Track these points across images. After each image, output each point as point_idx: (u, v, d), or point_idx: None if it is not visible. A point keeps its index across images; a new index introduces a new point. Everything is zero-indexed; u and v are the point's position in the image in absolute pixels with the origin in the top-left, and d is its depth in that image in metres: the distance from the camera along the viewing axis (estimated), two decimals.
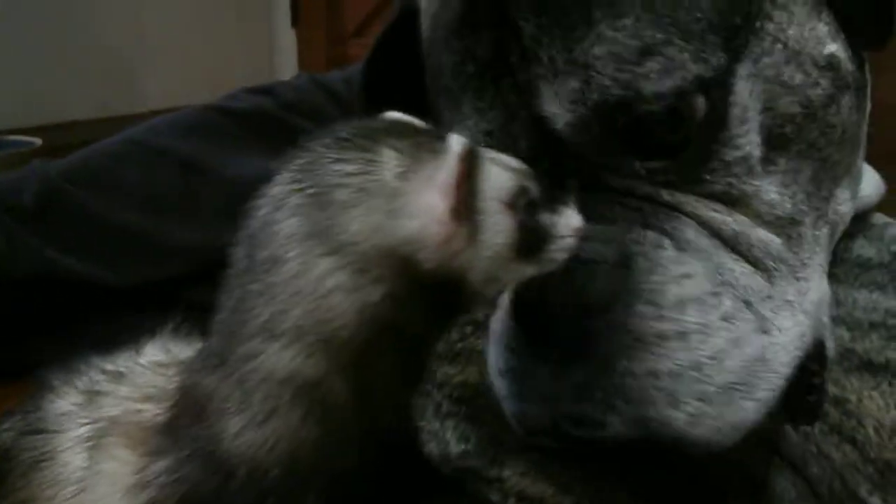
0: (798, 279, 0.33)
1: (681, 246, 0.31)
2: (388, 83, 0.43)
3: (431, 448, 0.35)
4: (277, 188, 0.25)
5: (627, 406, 0.30)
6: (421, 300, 0.24)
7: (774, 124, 0.33)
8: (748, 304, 0.31)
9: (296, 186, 0.25)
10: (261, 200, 0.26)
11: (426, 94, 0.39)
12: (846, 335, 0.37)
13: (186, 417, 0.28)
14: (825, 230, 0.36)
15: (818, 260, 0.35)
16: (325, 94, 0.95)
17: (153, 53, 2.30)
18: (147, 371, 0.32)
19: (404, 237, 0.23)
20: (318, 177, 0.24)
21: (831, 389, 0.36)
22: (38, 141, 1.56)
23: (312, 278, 0.23)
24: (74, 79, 2.07)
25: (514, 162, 0.27)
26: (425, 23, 0.39)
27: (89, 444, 0.30)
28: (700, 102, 0.31)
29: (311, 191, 0.24)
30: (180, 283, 0.78)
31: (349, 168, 0.24)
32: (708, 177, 0.32)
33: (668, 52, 0.30)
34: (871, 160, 0.49)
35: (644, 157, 0.32)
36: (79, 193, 0.78)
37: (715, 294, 0.30)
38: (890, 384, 0.37)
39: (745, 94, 0.32)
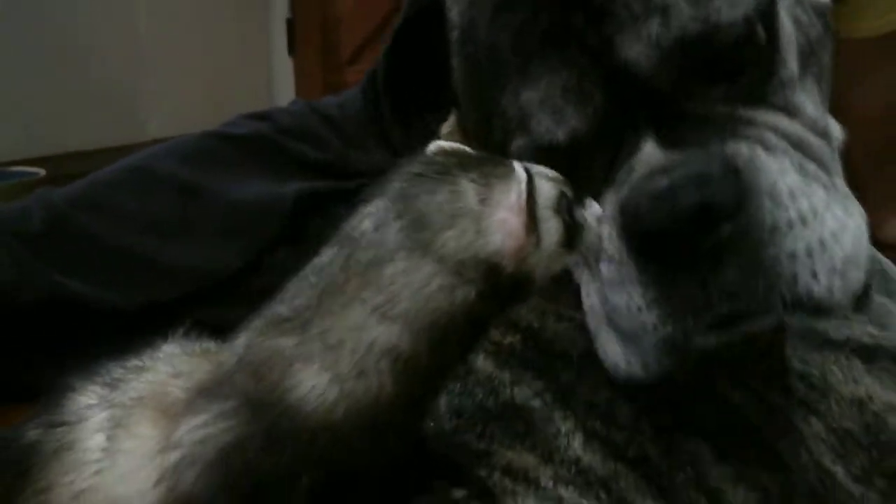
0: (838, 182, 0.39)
1: (769, 149, 0.36)
2: (406, 74, 0.46)
3: (427, 425, 0.37)
4: (376, 212, 0.31)
5: (778, 289, 0.34)
6: (500, 295, 0.31)
7: (801, 51, 0.39)
8: (829, 192, 0.36)
9: (394, 214, 0.30)
10: (357, 219, 0.31)
11: (441, 81, 0.44)
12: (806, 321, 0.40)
13: (241, 374, 0.31)
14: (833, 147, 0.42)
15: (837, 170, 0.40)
16: (319, 118, 0.98)
17: (153, 84, 2.34)
18: (173, 356, 0.34)
19: (490, 251, 0.29)
20: (415, 206, 0.30)
21: (797, 365, 0.39)
22: (41, 171, 1.59)
23: (419, 279, 0.29)
24: (76, 110, 2.11)
25: (552, 173, 0.32)
26: (461, 8, 0.42)
27: (110, 425, 0.32)
28: (760, 28, 0.36)
29: (410, 216, 0.30)
30: (183, 302, 0.81)
31: (439, 199, 0.30)
32: (770, 93, 0.37)
33: None
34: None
35: (720, 82, 0.36)
36: (83, 219, 0.81)
37: (808, 184, 0.35)
38: (847, 358, 0.39)
39: (787, 22, 0.38)
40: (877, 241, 1.33)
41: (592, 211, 0.33)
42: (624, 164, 0.37)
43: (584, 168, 0.38)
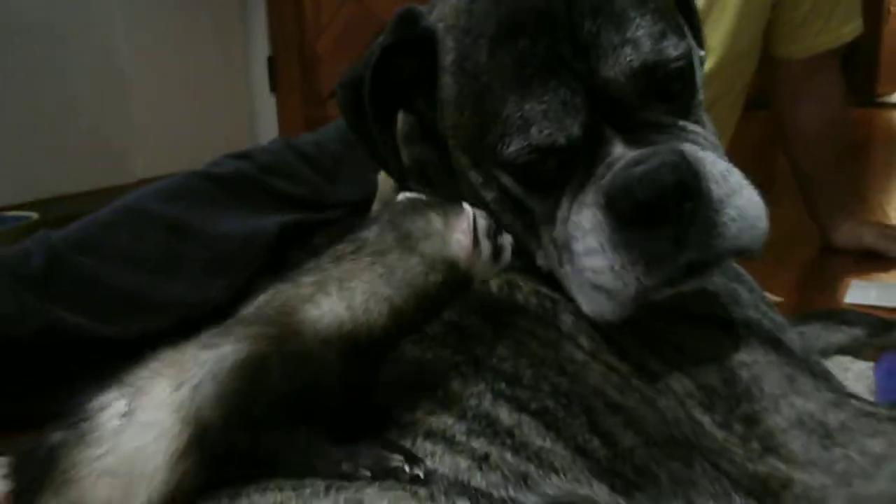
0: None
1: (702, 147, 0.49)
2: (387, 92, 0.56)
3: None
4: (375, 229, 0.45)
5: (728, 241, 0.46)
6: (454, 284, 0.44)
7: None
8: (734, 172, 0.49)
9: (389, 230, 0.45)
10: (360, 232, 0.46)
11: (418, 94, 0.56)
12: (674, 302, 0.50)
13: (258, 314, 0.42)
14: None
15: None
16: (296, 155, 1.06)
17: (138, 126, 2.39)
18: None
19: (451, 254, 0.44)
20: (403, 227, 0.45)
21: (665, 334, 0.49)
22: (34, 215, 1.64)
23: (409, 264, 0.43)
24: (67, 156, 2.16)
25: (483, 214, 0.46)
26: (456, 36, 0.53)
27: (128, 399, 0.39)
28: (687, 65, 0.50)
29: (400, 232, 0.44)
30: (174, 334, 0.87)
31: (419, 223, 0.45)
32: (693, 111, 0.52)
33: (670, 35, 0.48)
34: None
35: (665, 101, 0.49)
36: (79, 258, 0.87)
37: (728, 169, 0.48)
38: (705, 328, 0.49)
39: (696, 62, 0.53)
40: (828, 245, 1.41)
41: (506, 238, 0.47)
42: (600, 161, 0.48)
43: (570, 164, 0.49)
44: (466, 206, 0.45)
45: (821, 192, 1.38)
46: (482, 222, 0.45)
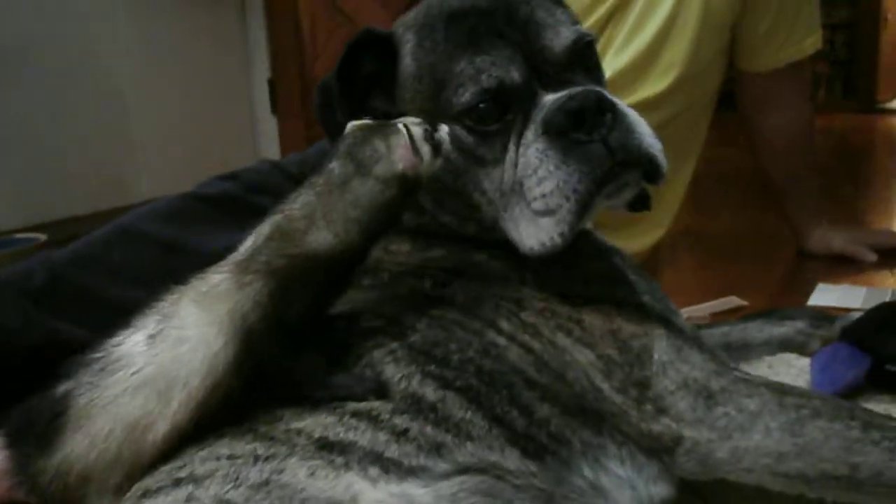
0: None
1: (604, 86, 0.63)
2: (352, 91, 0.66)
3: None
4: (337, 161, 0.53)
5: (643, 148, 0.58)
6: (407, 191, 0.53)
7: None
8: None
9: (347, 161, 0.53)
10: (327, 166, 0.53)
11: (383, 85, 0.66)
12: (577, 287, 0.59)
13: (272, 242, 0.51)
14: None
15: None
16: (282, 175, 1.12)
17: (142, 152, 2.46)
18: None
19: (399, 169, 0.52)
20: (356, 156, 0.53)
21: (570, 313, 0.56)
22: (42, 236, 1.71)
23: (368, 186, 0.52)
24: (73, 180, 2.24)
25: (416, 119, 0.55)
26: (414, 29, 0.65)
27: (155, 325, 0.48)
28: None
29: (355, 162, 0.52)
30: None
31: (367, 151, 0.52)
32: (604, 84, 0.66)
33: (579, 22, 0.64)
34: None
35: (584, 70, 0.64)
36: (78, 275, 0.93)
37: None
38: (600, 307, 0.57)
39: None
40: (801, 251, 1.47)
41: (443, 131, 0.56)
42: (535, 108, 0.60)
43: (511, 104, 0.60)
44: (400, 124, 0.53)
45: (791, 200, 1.43)
46: (416, 130, 0.53)
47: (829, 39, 6.04)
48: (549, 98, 0.60)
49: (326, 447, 0.45)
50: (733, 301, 1.19)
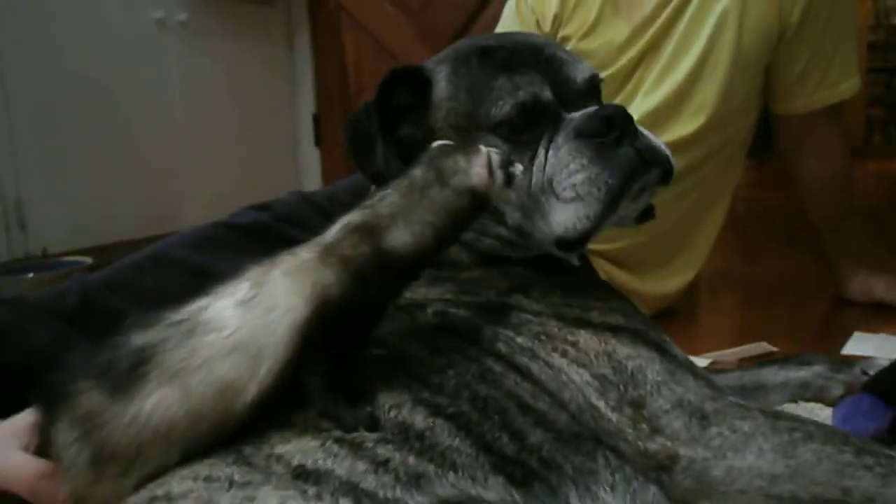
0: None
1: None
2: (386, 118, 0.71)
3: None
4: (419, 168, 0.57)
5: (663, 153, 0.65)
6: (477, 206, 0.56)
7: None
8: None
9: (429, 169, 0.57)
10: (411, 171, 0.57)
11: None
12: (574, 312, 0.61)
13: (355, 233, 0.54)
14: None
15: None
16: (311, 207, 1.15)
17: (189, 181, 2.54)
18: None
19: (474, 183, 0.56)
20: (436, 166, 0.57)
21: (566, 336, 0.58)
22: (88, 260, 1.77)
23: (444, 195, 0.55)
24: (121, 206, 2.33)
25: (497, 151, 0.58)
26: (447, 62, 0.72)
27: (246, 292, 0.50)
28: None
29: (435, 171, 0.57)
30: None
31: (449, 163, 0.57)
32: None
33: None
34: None
35: (597, 102, 0.71)
36: (109, 297, 0.97)
37: None
38: (596, 330, 0.58)
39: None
40: (841, 297, 1.43)
41: (517, 167, 0.59)
42: (562, 122, 0.66)
43: (542, 119, 0.66)
44: (482, 147, 0.58)
45: (830, 244, 1.40)
46: (496, 157, 0.57)
47: (887, 83, 5.92)
48: (576, 115, 0.67)
49: (302, 476, 0.45)
50: (763, 347, 1.16)
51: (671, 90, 1.21)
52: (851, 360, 0.89)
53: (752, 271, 1.90)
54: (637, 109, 1.24)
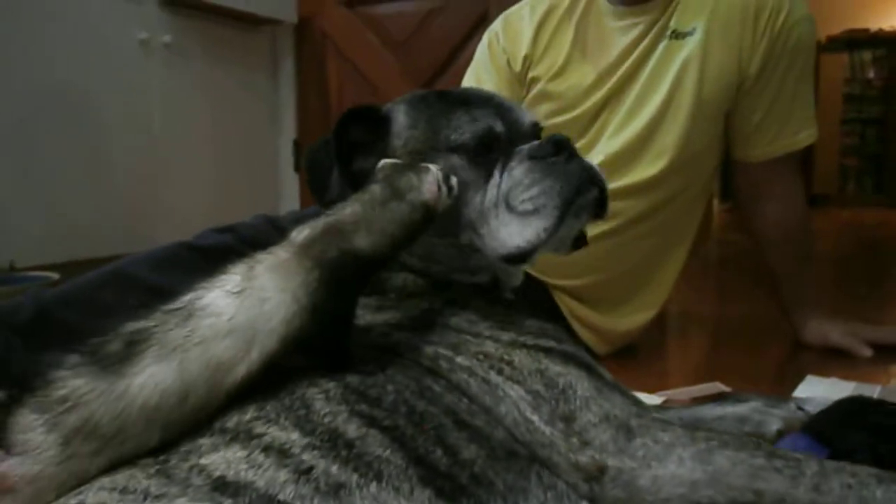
0: None
1: None
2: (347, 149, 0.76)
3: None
4: (376, 185, 0.63)
5: (602, 176, 0.72)
6: (428, 218, 0.62)
7: None
8: None
9: (385, 186, 0.63)
10: (368, 186, 0.63)
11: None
12: (510, 335, 0.65)
13: (324, 236, 0.59)
14: None
15: None
16: (276, 230, 1.15)
17: (165, 200, 2.53)
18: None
19: (426, 198, 0.62)
20: (392, 183, 0.63)
21: (502, 355, 0.61)
22: (55, 276, 1.76)
23: (401, 208, 0.61)
24: (93, 223, 2.31)
25: (436, 167, 0.65)
26: (405, 99, 0.79)
27: (236, 283, 0.55)
28: None
29: (391, 188, 0.62)
30: None
31: (403, 179, 0.63)
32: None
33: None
34: None
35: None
36: (64, 312, 0.97)
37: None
38: (529, 351, 0.62)
39: None
40: (798, 341, 1.46)
41: (453, 179, 0.65)
42: (513, 151, 0.72)
43: (496, 147, 0.72)
44: (431, 166, 0.65)
45: (786, 290, 1.43)
46: (440, 174, 0.64)
47: (861, 134, 6.08)
48: (526, 146, 0.73)
49: (220, 488, 0.46)
50: (716, 387, 1.17)
51: (634, 134, 1.25)
52: (788, 397, 0.91)
53: (718, 312, 1.93)
54: (601, 151, 1.27)
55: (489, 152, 0.72)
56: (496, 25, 1.42)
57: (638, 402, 0.61)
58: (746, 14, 1.21)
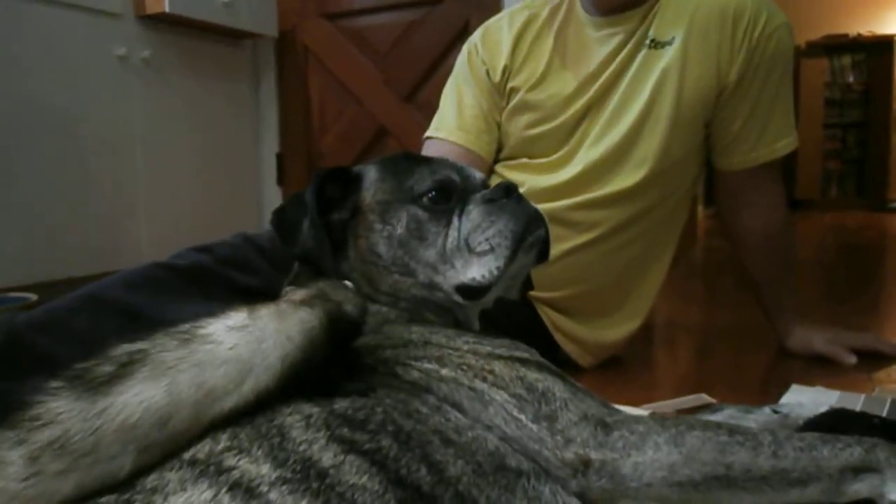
0: None
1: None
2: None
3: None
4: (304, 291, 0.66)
5: (543, 219, 0.81)
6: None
7: None
8: None
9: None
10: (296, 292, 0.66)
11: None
12: (486, 349, 0.70)
13: (318, 298, 0.62)
14: None
15: None
16: (254, 249, 1.14)
17: (145, 217, 2.51)
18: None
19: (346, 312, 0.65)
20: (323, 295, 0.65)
21: (483, 365, 0.66)
22: (33, 296, 1.73)
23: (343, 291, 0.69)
24: (71, 241, 2.28)
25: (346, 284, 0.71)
26: (376, 162, 0.88)
27: (236, 324, 0.55)
28: None
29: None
30: None
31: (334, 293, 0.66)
32: None
33: None
34: None
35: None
36: (36, 338, 0.94)
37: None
38: (507, 362, 0.67)
39: None
40: (783, 349, 1.45)
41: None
42: (468, 200, 0.81)
43: (454, 195, 0.81)
44: (348, 283, 0.71)
45: (770, 298, 1.42)
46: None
47: (842, 138, 6.14)
48: (479, 194, 0.82)
49: None
50: (702, 398, 1.17)
51: (614, 143, 1.24)
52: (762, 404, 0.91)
53: (704, 320, 1.93)
54: (581, 161, 1.27)
55: (449, 199, 0.81)
56: (475, 37, 1.41)
57: (607, 404, 0.67)
58: (724, 23, 1.21)
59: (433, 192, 0.80)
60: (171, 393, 0.49)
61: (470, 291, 0.77)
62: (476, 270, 0.76)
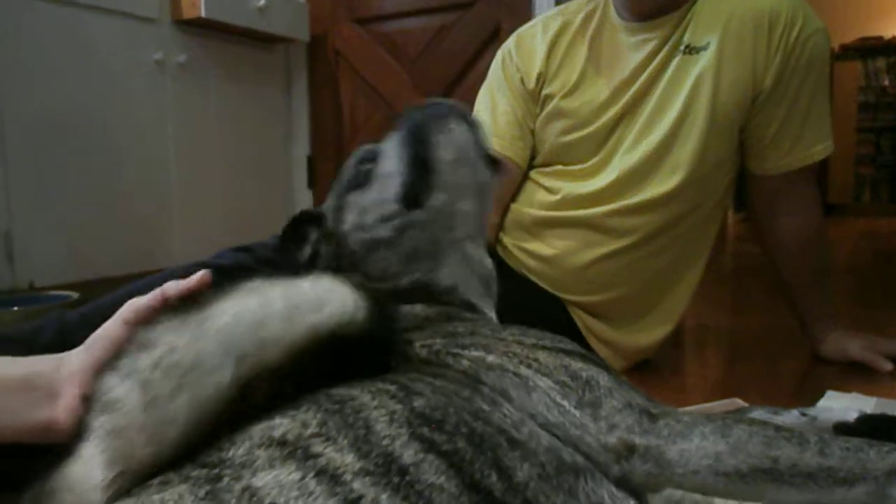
0: None
1: None
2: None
3: None
4: None
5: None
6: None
7: None
8: None
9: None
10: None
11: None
12: (531, 339, 0.70)
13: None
14: None
15: None
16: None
17: (178, 218, 2.55)
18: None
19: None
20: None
21: (527, 354, 0.66)
22: (74, 294, 1.77)
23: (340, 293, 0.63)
24: (109, 242, 2.33)
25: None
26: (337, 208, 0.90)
27: (310, 280, 0.60)
28: None
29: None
30: None
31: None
32: None
33: None
34: None
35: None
36: (88, 333, 0.97)
37: None
38: (551, 352, 0.67)
39: None
40: (816, 356, 1.44)
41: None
42: None
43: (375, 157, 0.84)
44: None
45: (804, 303, 1.41)
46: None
47: (876, 143, 6.04)
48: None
49: None
50: (735, 403, 1.17)
51: (649, 149, 1.25)
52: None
53: (736, 325, 1.92)
54: (616, 168, 1.27)
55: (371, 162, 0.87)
56: (509, 44, 1.42)
57: (651, 399, 0.66)
58: (760, 28, 1.21)
59: (357, 166, 0.87)
60: (263, 304, 0.53)
61: (407, 197, 0.81)
62: (400, 180, 0.82)
